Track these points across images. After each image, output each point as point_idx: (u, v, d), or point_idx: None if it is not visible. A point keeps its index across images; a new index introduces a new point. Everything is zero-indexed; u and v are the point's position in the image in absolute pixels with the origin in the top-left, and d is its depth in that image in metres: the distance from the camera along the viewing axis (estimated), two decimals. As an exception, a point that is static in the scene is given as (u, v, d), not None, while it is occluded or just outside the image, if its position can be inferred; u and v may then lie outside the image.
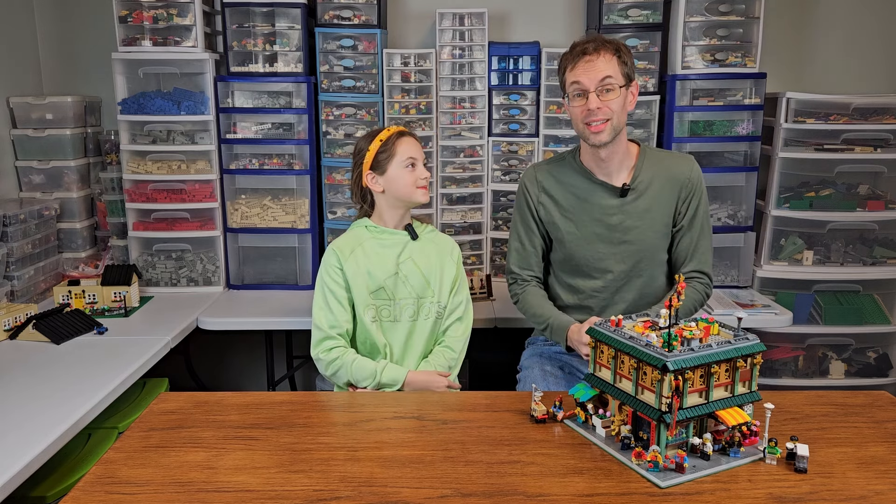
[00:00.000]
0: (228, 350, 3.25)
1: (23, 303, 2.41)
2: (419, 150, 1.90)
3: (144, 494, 1.19)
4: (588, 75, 1.77)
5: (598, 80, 1.76)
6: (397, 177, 1.85)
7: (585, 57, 1.77)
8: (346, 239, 1.91)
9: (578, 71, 1.78)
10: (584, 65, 1.78)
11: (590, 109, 1.77)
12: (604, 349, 1.37)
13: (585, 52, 1.78)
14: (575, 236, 1.92)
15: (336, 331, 1.85)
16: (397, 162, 1.85)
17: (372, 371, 1.81)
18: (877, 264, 2.77)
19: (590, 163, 1.91)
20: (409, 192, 1.86)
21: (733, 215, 2.73)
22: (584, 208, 1.91)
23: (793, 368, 2.83)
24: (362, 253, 1.88)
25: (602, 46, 1.78)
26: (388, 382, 1.81)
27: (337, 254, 1.87)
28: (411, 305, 1.90)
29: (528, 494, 1.17)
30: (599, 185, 1.90)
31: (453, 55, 2.73)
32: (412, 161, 1.86)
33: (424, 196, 1.88)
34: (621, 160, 1.89)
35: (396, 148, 1.86)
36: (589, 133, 1.81)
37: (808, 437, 1.35)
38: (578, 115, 1.81)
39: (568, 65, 1.82)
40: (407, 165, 1.85)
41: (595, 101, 1.77)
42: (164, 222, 2.68)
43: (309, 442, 1.36)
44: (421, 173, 1.87)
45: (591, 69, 1.77)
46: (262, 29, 2.64)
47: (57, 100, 2.72)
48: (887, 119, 2.68)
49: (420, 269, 1.90)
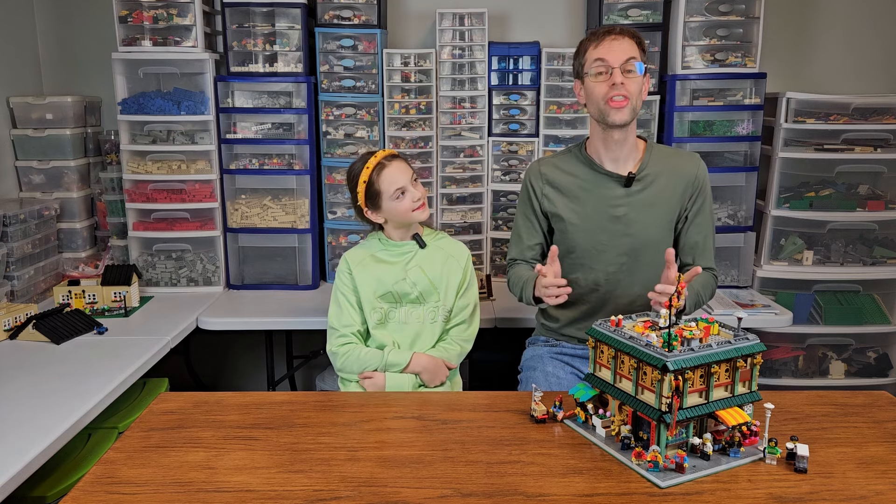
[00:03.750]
0: (228, 350, 3.25)
1: (23, 303, 2.41)
2: (403, 173, 1.89)
3: (144, 494, 1.19)
4: (613, 53, 1.79)
5: (624, 59, 1.78)
6: (392, 208, 1.89)
7: (612, 35, 1.80)
8: (359, 249, 2.00)
9: (603, 49, 1.80)
10: (609, 42, 1.80)
11: (614, 84, 1.78)
12: (604, 349, 1.37)
13: (611, 32, 1.81)
14: (578, 226, 1.92)
15: (349, 329, 1.92)
16: (386, 196, 1.88)
17: (378, 355, 1.88)
18: (877, 264, 2.77)
19: (599, 150, 1.91)
20: (407, 217, 1.90)
21: (733, 215, 2.73)
22: (589, 198, 1.91)
23: (793, 368, 2.83)
24: (372, 260, 1.94)
25: (625, 32, 1.82)
26: (393, 361, 1.87)
27: (348, 261, 1.96)
28: (418, 309, 1.94)
29: (528, 494, 1.17)
30: (605, 175, 1.90)
31: (453, 55, 2.73)
32: (400, 191, 1.87)
33: (423, 214, 1.91)
34: (629, 151, 1.90)
35: (381, 185, 1.87)
36: (610, 109, 1.80)
37: (808, 437, 1.35)
38: (600, 92, 1.81)
39: (591, 44, 1.83)
40: (397, 196, 1.87)
41: (619, 76, 1.78)
42: (164, 222, 2.68)
43: (309, 442, 1.36)
44: (413, 196, 1.88)
45: (616, 47, 1.79)
46: (262, 29, 2.64)
47: (57, 100, 2.72)
48: (887, 119, 2.68)
49: (427, 275, 1.93)
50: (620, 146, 1.87)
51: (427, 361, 1.90)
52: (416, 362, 1.88)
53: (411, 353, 1.89)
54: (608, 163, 1.91)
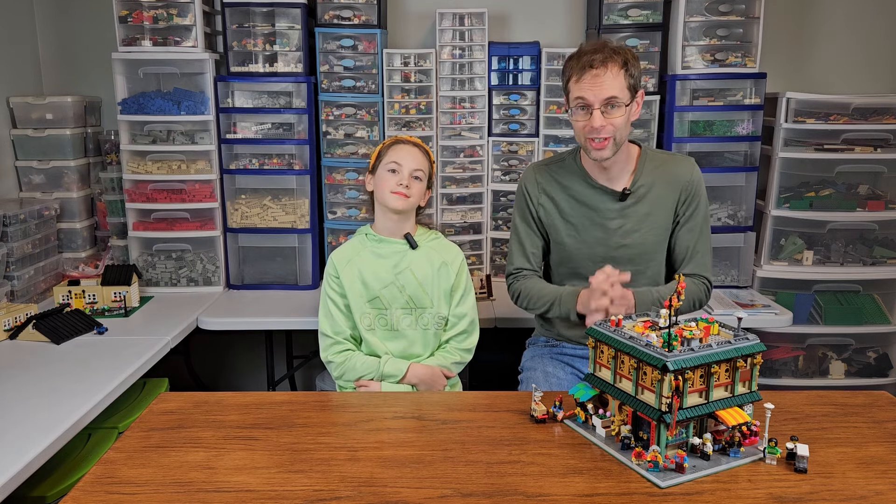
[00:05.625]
0: (228, 350, 3.25)
1: (23, 303, 2.41)
2: (413, 159, 1.87)
3: (144, 494, 1.19)
4: (593, 91, 1.71)
5: (603, 99, 1.71)
6: (380, 179, 1.89)
7: (592, 71, 1.70)
8: (345, 248, 1.95)
9: (584, 85, 1.72)
10: (590, 79, 1.71)
11: (593, 127, 1.73)
12: (604, 349, 1.37)
13: (592, 66, 1.70)
14: (574, 239, 1.92)
15: (341, 335, 1.89)
16: (384, 164, 1.89)
17: (375, 364, 1.86)
18: (877, 264, 2.77)
19: (591, 167, 1.90)
20: (384, 196, 1.87)
21: (733, 215, 2.73)
22: (584, 212, 1.90)
23: (793, 368, 2.83)
24: (359, 262, 1.90)
25: (609, 59, 1.70)
26: (390, 372, 1.85)
27: (334, 263, 1.92)
28: (408, 315, 1.90)
29: (528, 494, 1.17)
30: (599, 190, 1.89)
31: (453, 55, 2.73)
32: (396, 166, 1.86)
33: (397, 202, 1.85)
34: (622, 166, 1.88)
35: (390, 151, 1.90)
36: (591, 148, 1.78)
37: (808, 437, 1.35)
38: (581, 129, 1.77)
39: (573, 76, 1.74)
40: (391, 169, 1.87)
41: (599, 120, 1.72)
42: (164, 222, 2.68)
43: (309, 442, 1.36)
44: (400, 179, 1.85)
45: (596, 84, 1.70)
46: (262, 29, 2.64)
47: (57, 100, 2.72)
48: (887, 119, 2.68)
49: (417, 279, 1.90)
50: (609, 170, 1.87)
51: (423, 372, 1.87)
52: (412, 374, 1.86)
53: (408, 365, 1.86)
54: (602, 179, 1.89)
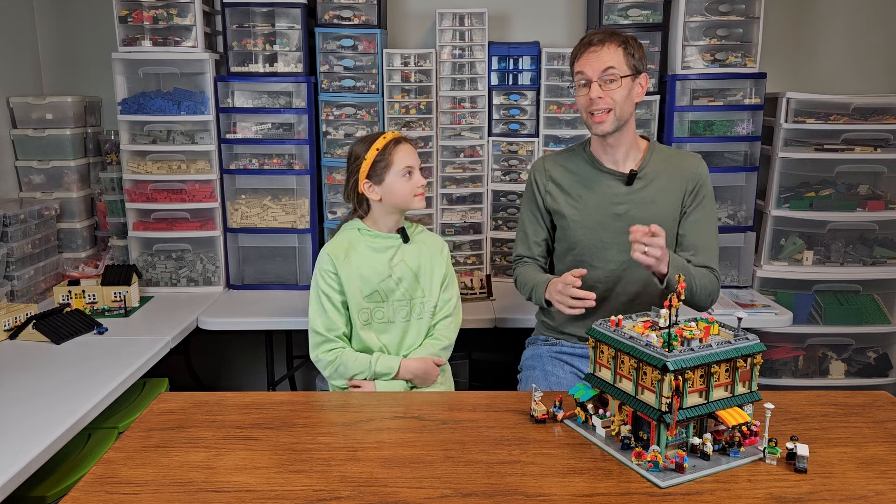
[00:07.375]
0: (228, 350, 3.25)
1: (23, 303, 2.41)
2: (415, 156, 1.88)
3: (144, 494, 1.19)
4: (591, 65, 1.81)
5: (601, 71, 1.80)
6: (394, 186, 1.84)
7: (591, 48, 1.82)
8: (338, 242, 1.91)
9: (583, 61, 1.83)
10: (588, 55, 1.83)
11: (591, 99, 1.82)
12: (604, 349, 1.37)
13: (591, 43, 1.83)
14: (579, 224, 1.93)
15: (333, 333, 1.86)
16: (394, 171, 1.83)
17: (366, 362, 1.84)
18: (877, 264, 2.77)
19: (598, 150, 1.95)
20: (406, 201, 1.86)
21: (733, 215, 2.73)
22: (591, 196, 1.93)
23: (793, 368, 2.83)
24: (356, 256, 1.88)
25: (609, 38, 1.82)
26: (382, 371, 1.84)
27: (332, 258, 1.86)
28: (404, 307, 1.91)
29: (528, 494, 1.17)
30: (607, 174, 1.92)
31: (453, 55, 2.73)
32: (409, 170, 1.85)
33: (421, 203, 1.88)
34: (628, 150, 1.92)
35: (394, 157, 1.84)
36: (591, 122, 1.86)
37: (808, 437, 1.35)
38: (582, 104, 1.86)
39: (576, 56, 1.87)
40: (404, 175, 1.84)
41: (596, 91, 1.81)
42: (164, 222, 2.68)
43: (309, 442, 1.36)
44: (418, 181, 1.86)
45: (594, 59, 1.81)
46: (262, 29, 2.64)
47: (57, 100, 2.72)
48: (887, 119, 2.68)
49: (412, 271, 1.91)
50: (616, 149, 1.91)
51: (416, 366, 1.87)
52: (404, 369, 1.85)
53: (399, 360, 1.86)
54: (609, 162, 1.93)
